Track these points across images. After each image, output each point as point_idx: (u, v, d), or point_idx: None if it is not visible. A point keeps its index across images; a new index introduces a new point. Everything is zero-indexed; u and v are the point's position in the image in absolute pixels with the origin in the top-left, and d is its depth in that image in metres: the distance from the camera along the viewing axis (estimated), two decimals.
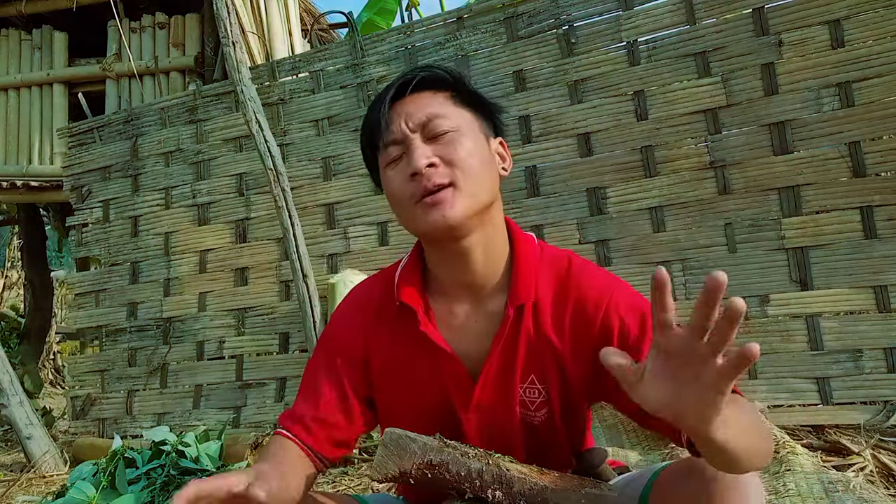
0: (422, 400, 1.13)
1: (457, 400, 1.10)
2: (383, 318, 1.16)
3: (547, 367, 1.07)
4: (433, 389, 1.11)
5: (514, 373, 1.08)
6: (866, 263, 2.48)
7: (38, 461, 3.27)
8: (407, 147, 1.04)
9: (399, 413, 1.16)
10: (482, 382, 1.08)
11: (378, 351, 1.15)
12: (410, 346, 1.12)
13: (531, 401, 1.09)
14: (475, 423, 1.10)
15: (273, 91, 3.60)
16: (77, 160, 4.07)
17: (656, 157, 2.82)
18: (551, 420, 1.09)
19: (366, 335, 1.16)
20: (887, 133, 2.49)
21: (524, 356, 1.07)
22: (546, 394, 1.08)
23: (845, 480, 1.71)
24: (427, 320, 1.09)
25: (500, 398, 1.09)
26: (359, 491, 2.32)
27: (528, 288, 1.06)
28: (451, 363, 1.09)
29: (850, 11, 2.54)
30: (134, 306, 3.80)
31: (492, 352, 1.07)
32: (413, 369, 1.12)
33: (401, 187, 1.04)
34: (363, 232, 3.34)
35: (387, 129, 1.05)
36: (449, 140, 1.03)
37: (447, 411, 1.11)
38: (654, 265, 2.76)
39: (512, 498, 0.91)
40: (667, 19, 2.84)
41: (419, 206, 1.01)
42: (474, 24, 3.20)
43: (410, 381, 1.13)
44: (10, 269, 10.05)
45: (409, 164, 1.02)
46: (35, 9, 4.94)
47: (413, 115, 1.04)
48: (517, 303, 1.05)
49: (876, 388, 2.43)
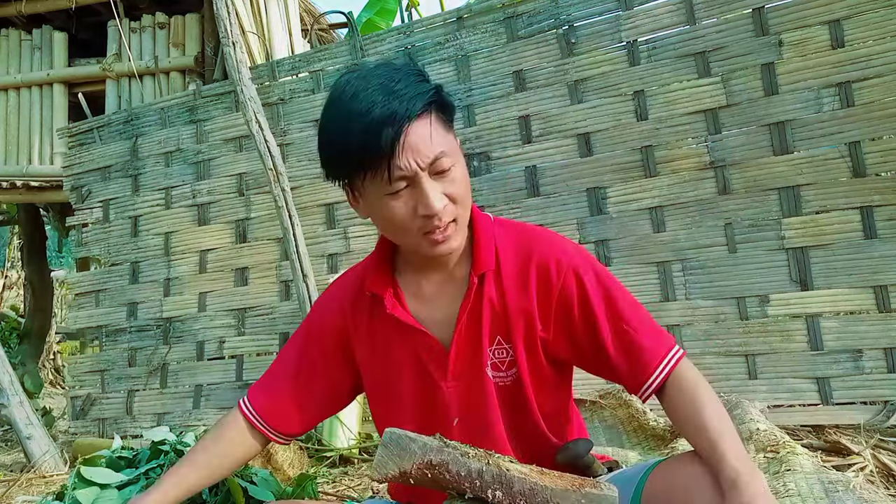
0: (404, 379, 1.20)
1: (435, 371, 1.17)
2: (358, 308, 1.24)
3: (513, 327, 1.15)
4: (412, 367, 1.19)
5: (481, 336, 1.15)
6: (866, 263, 2.48)
7: (38, 461, 3.27)
8: (416, 184, 1.03)
9: (386, 396, 1.25)
10: (454, 349, 1.16)
11: (359, 341, 1.24)
12: (385, 330, 1.20)
13: (501, 361, 1.17)
14: (455, 392, 1.17)
15: (273, 91, 3.60)
16: (77, 160, 4.07)
17: (656, 157, 2.82)
18: (520, 379, 1.17)
19: (343, 327, 1.25)
20: (887, 133, 2.49)
21: (489, 320, 1.15)
22: (512, 352, 1.16)
23: (845, 480, 1.71)
24: (395, 303, 1.17)
25: (472, 363, 1.17)
26: (359, 491, 2.32)
27: (489, 258, 1.15)
28: (423, 338, 1.17)
29: (851, 11, 2.54)
30: (134, 306, 3.80)
31: (459, 319, 1.15)
32: (391, 351, 1.20)
33: (407, 219, 1.06)
34: (363, 232, 3.34)
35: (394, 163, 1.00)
36: (452, 178, 1.06)
37: (429, 385, 1.18)
38: (654, 265, 2.78)
39: (512, 498, 0.91)
40: (667, 19, 2.84)
41: (426, 238, 1.07)
42: (474, 23, 3.20)
43: (391, 364, 1.21)
44: (10, 269, 10.05)
45: (425, 207, 1.03)
46: (35, 9, 4.93)
47: (422, 152, 1.02)
48: (479, 271, 1.14)
49: (876, 388, 2.43)
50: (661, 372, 1.10)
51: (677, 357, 1.11)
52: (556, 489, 0.91)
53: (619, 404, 2.65)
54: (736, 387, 2.58)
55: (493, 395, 1.17)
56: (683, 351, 1.14)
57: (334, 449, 2.78)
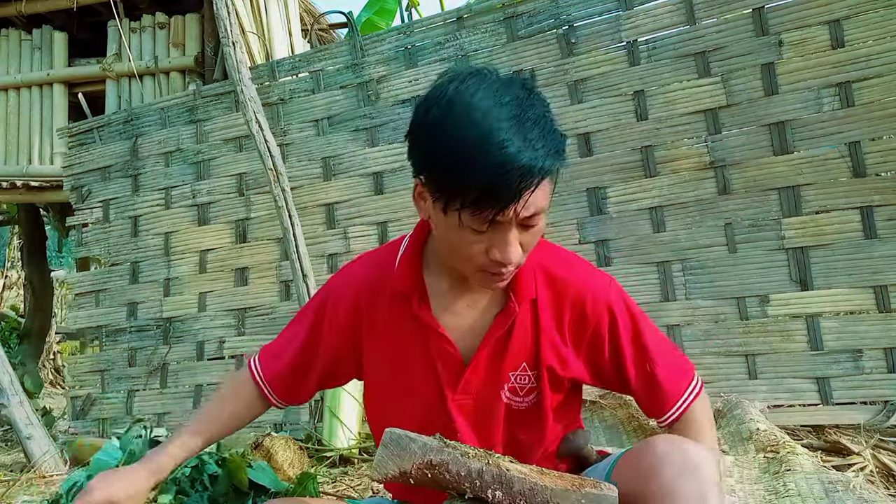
0: (412, 379, 1.19)
1: (444, 378, 1.16)
2: (377, 300, 1.21)
3: (542, 356, 1.15)
4: (423, 369, 1.17)
5: (505, 359, 1.15)
6: (866, 263, 2.48)
7: (38, 461, 3.26)
8: (502, 231, 0.98)
9: (388, 392, 1.24)
10: (473, 365, 1.15)
11: (371, 334, 1.22)
12: (402, 326, 1.18)
13: (521, 387, 1.17)
14: (461, 406, 1.17)
15: (273, 91, 3.60)
16: (77, 160, 4.07)
17: (656, 157, 2.82)
18: (539, 406, 1.18)
19: (357, 317, 1.23)
20: (887, 133, 2.49)
21: (519, 345, 1.15)
22: (536, 381, 1.16)
23: (845, 480, 1.72)
24: (420, 303, 1.15)
25: (488, 382, 1.16)
26: (359, 491, 2.32)
27: (531, 285, 1.14)
28: (442, 342, 1.14)
29: (851, 11, 2.54)
30: (134, 306, 3.80)
31: (488, 338, 1.14)
32: (404, 349, 1.19)
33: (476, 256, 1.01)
34: (363, 232, 3.34)
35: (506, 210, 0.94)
36: (535, 231, 1.01)
37: (435, 393, 1.17)
38: (654, 265, 2.78)
39: (512, 498, 0.91)
40: (667, 19, 2.83)
41: (482, 274, 1.04)
42: (474, 23, 3.20)
43: (401, 361, 1.20)
44: (10, 269, 10.05)
45: (502, 255, 0.99)
46: (35, 9, 4.92)
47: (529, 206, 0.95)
48: (523, 299, 1.13)
49: (876, 388, 2.43)
50: (676, 410, 1.18)
51: (694, 395, 1.18)
52: (556, 489, 0.91)
53: (619, 404, 2.65)
54: (736, 387, 2.58)
55: (500, 417, 1.18)
56: (701, 385, 1.20)
57: (334, 449, 2.78)
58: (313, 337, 1.27)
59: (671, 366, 1.19)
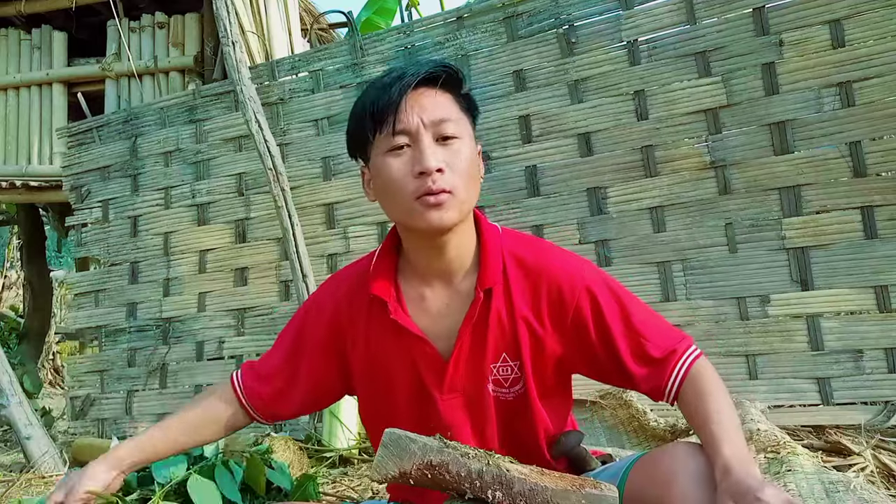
0: (399, 385, 1.20)
1: (430, 380, 1.16)
2: (356, 310, 1.22)
3: (522, 345, 1.15)
4: (407, 373, 1.18)
5: (485, 352, 1.15)
6: (867, 263, 2.47)
7: (38, 461, 3.26)
8: (416, 142, 1.07)
9: (380, 401, 1.24)
10: (454, 362, 1.15)
11: (354, 344, 1.23)
12: (383, 334, 1.19)
13: (504, 378, 1.17)
14: (451, 404, 1.16)
15: (273, 91, 3.60)
16: (76, 160, 4.07)
17: (656, 157, 2.82)
18: (526, 395, 1.17)
19: (338, 329, 1.24)
20: (888, 133, 2.48)
21: (496, 336, 1.15)
22: (520, 371, 1.16)
23: (846, 481, 1.71)
24: (398, 307, 1.16)
25: (472, 377, 1.17)
26: (359, 491, 2.32)
27: (496, 272, 1.14)
28: (421, 344, 1.15)
29: (851, 11, 2.54)
30: (133, 306, 3.80)
31: (462, 332, 1.14)
32: (387, 356, 1.19)
33: (403, 180, 1.07)
34: (363, 232, 3.34)
35: (399, 115, 1.07)
36: (455, 149, 1.08)
37: (423, 394, 1.18)
38: (655, 265, 2.77)
39: (512, 498, 0.91)
40: (667, 19, 2.83)
41: (419, 202, 1.06)
42: (474, 23, 3.20)
43: (386, 368, 1.20)
44: (9, 269, 10.04)
45: (420, 163, 1.06)
46: (35, 9, 4.92)
47: (429, 111, 1.08)
48: (485, 286, 1.13)
49: (876, 389, 2.43)
50: (677, 374, 1.11)
51: (693, 356, 1.12)
52: (557, 490, 0.91)
53: (619, 405, 2.65)
54: (736, 387, 2.57)
55: (491, 410, 1.18)
56: (700, 351, 1.14)
57: (334, 449, 2.78)
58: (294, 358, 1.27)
59: (664, 335, 1.15)
